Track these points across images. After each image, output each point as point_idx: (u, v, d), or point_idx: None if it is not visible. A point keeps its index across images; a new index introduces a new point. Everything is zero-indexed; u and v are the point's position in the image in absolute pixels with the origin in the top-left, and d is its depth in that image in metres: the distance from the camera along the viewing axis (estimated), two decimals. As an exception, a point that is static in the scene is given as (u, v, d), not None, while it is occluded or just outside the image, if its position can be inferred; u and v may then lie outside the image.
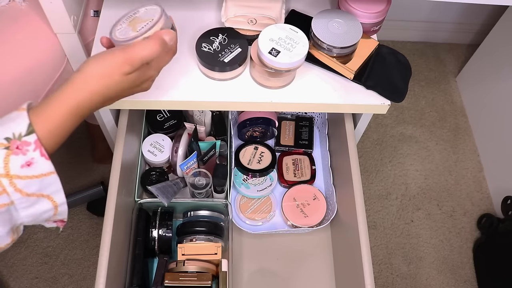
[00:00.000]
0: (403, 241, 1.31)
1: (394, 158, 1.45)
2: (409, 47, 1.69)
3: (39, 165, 0.49)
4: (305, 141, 1.04)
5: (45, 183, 0.50)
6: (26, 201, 0.50)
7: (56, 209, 0.53)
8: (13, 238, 0.55)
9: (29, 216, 0.52)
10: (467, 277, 1.27)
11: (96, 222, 1.24)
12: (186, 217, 0.91)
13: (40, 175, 0.49)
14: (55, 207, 0.53)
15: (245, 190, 0.97)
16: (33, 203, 0.51)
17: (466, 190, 1.41)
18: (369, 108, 0.76)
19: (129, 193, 0.87)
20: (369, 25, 0.78)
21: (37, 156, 0.48)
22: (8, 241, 0.54)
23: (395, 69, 0.78)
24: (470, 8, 1.58)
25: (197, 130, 0.94)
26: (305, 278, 0.94)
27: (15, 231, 0.56)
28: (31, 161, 0.48)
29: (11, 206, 0.49)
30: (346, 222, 0.86)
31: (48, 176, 0.50)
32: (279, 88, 0.75)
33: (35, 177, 0.49)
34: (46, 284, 1.17)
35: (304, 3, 0.85)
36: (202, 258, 0.85)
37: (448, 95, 1.59)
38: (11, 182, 0.48)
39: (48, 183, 0.50)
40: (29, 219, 0.52)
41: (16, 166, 0.47)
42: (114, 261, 0.76)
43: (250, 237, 0.96)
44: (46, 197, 0.51)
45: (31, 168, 0.48)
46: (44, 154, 0.48)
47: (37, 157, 0.48)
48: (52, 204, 0.52)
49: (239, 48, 0.73)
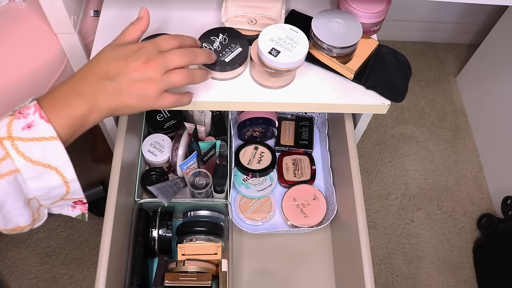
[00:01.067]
0: (403, 241, 1.31)
1: (394, 158, 1.45)
2: (409, 47, 1.69)
3: (39, 127, 0.49)
4: (305, 141, 1.04)
5: (48, 150, 0.50)
6: (31, 169, 0.50)
7: (68, 186, 0.53)
8: (34, 218, 0.56)
9: (39, 189, 0.52)
10: (467, 277, 1.27)
11: (96, 222, 1.24)
12: (186, 217, 0.91)
13: (41, 138, 0.49)
14: (65, 182, 0.53)
15: (245, 190, 0.97)
16: (40, 175, 0.51)
17: (466, 190, 1.41)
18: (369, 108, 0.76)
19: (129, 193, 0.87)
20: (369, 25, 0.78)
21: (36, 118, 0.49)
22: (28, 221, 0.55)
23: (395, 69, 0.78)
24: (470, 8, 1.58)
25: (197, 130, 0.94)
26: (305, 278, 0.94)
27: (37, 212, 0.56)
28: (31, 123, 0.49)
29: (17, 174, 0.50)
30: (346, 222, 0.86)
31: (50, 141, 0.50)
32: (279, 88, 0.75)
33: (36, 140, 0.49)
34: (46, 284, 1.17)
35: (304, 3, 0.85)
36: (202, 258, 0.85)
37: (448, 95, 1.59)
38: (13, 143, 0.48)
39: (52, 151, 0.50)
40: (40, 192, 0.52)
41: (17, 129, 0.49)
42: (114, 261, 0.76)
43: (250, 237, 0.96)
44: (54, 169, 0.51)
45: (32, 130, 0.49)
46: (44, 116, 0.49)
47: (37, 119, 0.49)
48: (61, 179, 0.52)
49: (239, 48, 0.73)
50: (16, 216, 0.53)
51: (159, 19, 0.81)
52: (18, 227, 0.55)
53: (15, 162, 0.49)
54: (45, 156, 0.50)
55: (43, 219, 0.59)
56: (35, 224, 0.59)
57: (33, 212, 0.56)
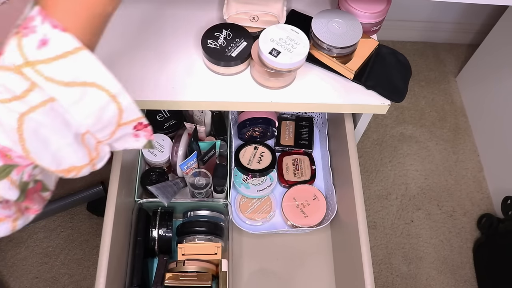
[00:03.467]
0: (403, 241, 1.31)
1: (394, 158, 1.45)
2: (409, 47, 1.69)
3: (57, 41, 0.40)
4: (305, 141, 1.04)
5: (78, 65, 0.41)
6: (68, 94, 0.42)
7: (117, 102, 0.44)
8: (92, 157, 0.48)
9: (86, 115, 0.44)
10: (467, 277, 1.27)
11: (96, 222, 1.24)
12: (186, 217, 0.91)
13: (65, 54, 0.40)
14: (112, 98, 0.44)
15: (245, 190, 0.97)
16: (80, 97, 0.42)
17: (466, 190, 1.41)
18: (369, 108, 0.76)
19: (129, 193, 0.87)
20: (369, 25, 0.78)
21: (48, 30, 0.39)
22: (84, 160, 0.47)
23: (395, 69, 0.78)
24: (470, 8, 1.58)
25: (197, 130, 0.94)
26: (305, 278, 0.94)
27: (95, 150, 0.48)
28: (46, 38, 0.39)
29: (53, 103, 0.42)
30: (346, 222, 0.86)
31: (76, 54, 0.40)
32: (280, 88, 0.75)
33: (60, 57, 0.40)
34: (46, 284, 1.17)
35: (304, 3, 0.85)
36: (202, 258, 0.85)
37: (448, 95, 1.59)
38: (36, 70, 0.40)
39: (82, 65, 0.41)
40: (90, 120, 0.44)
41: (32, 49, 0.39)
42: (114, 261, 0.76)
43: (250, 237, 0.96)
44: (93, 85, 0.42)
45: (49, 46, 0.40)
46: (57, 25, 0.40)
47: (49, 30, 0.39)
48: (107, 94, 0.43)
49: (244, 42, 0.73)
50: (68, 155, 0.45)
51: (161, 18, 0.81)
52: (73, 167, 0.47)
53: (47, 91, 0.41)
54: (77, 74, 0.41)
55: (104, 159, 0.51)
56: (96, 164, 0.50)
57: (89, 150, 0.47)
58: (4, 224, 0.48)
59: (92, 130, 0.46)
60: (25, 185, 0.46)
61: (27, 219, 0.51)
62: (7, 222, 0.48)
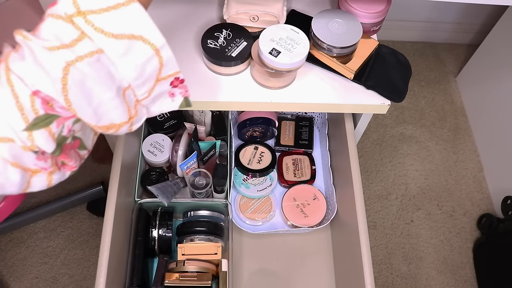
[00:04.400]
0: (403, 241, 1.31)
1: (394, 158, 1.45)
2: (409, 47, 1.69)
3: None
4: (305, 141, 1.04)
5: (128, 16, 0.42)
6: (116, 46, 0.43)
7: (160, 57, 0.46)
8: (131, 116, 0.49)
9: (131, 69, 0.45)
10: (467, 277, 1.27)
11: (96, 222, 1.24)
12: (186, 217, 0.91)
13: (117, 5, 0.41)
14: (156, 52, 0.45)
15: (245, 190, 0.97)
16: (127, 50, 0.43)
17: (466, 190, 1.41)
18: (369, 108, 0.76)
19: (129, 193, 0.87)
20: (369, 25, 0.78)
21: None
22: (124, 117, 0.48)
23: (395, 69, 0.78)
24: (470, 8, 1.58)
25: (197, 130, 0.94)
26: (305, 278, 0.94)
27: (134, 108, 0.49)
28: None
29: (101, 55, 0.43)
30: (346, 222, 0.86)
31: (127, 6, 0.42)
32: (280, 88, 0.75)
33: (112, 8, 0.41)
34: (46, 284, 1.17)
35: (304, 3, 0.85)
36: (202, 258, 0.85)
37: (448, 95, 1.59)
38: (87, 19, 0.41)
39: (132, 17, 0.42)
40: (133, 74, 0.45)
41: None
42: (114, 261, 0.76)
43: (250, 237, 0.96)
44: (140, 39, 0.43)
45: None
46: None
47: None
48: (151, 48, 0.44)
49: (244, 42, 0.73)
50: (109, 110, 0.46)
51: (161, 18, 0.81)
52: (112, 124, 0.47)
53: (96, 42, 0.42)
54: (126, 26, 0.42)
55: (141, 120, 0.52)
56: (133, 123, 0.50)
57: (128, 108, 0.48)
58: (39, 176, 0.47)
59: (134, 85, 0.46)
60: (63, 140, 0.46)
61: (63, 175, 0.50)
62: (43, 174, 0.47)
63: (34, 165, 0.46)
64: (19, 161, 0.44)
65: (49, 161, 0.47)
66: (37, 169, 0.46)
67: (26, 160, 0.45)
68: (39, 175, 0.47)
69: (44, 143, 0.44)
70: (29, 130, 0.42)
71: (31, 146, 0.44)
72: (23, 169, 0.45)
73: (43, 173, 0.47)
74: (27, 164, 0.45)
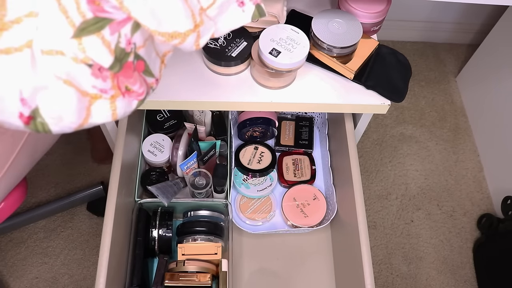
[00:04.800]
0: (403, 241, 1.31)
1: (394, 158, 1.45)
2: (409, 47, 1.69)
3: None
4: (305, 141, 1.04)
5: None
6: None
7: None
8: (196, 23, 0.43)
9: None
10: (467, 277, 1.27)
11: (96, 222, 1.24)
12: (186, 217, 0.91)
13: None
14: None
15: (245, 190, 0.97)
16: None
17: (466, 190, 1.41)
18: (369, 108, 0.76)
19: (129, 193, 0.87)
20: (369, 25, 0.78)
21: None
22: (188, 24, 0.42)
23: (395, 69, 0.78)
24: (470, 8, 1.58)
25: (197, 130, 0.94)
26: (305, 278, 0.94)
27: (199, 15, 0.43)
28: None
29: None
30: (346, 222, 0.86)
31: None
32: (280, 88, 0.75)
33: None
34: (46, 284, 1.17)
35: (304, 3, 0.85)
36: (202, 258, 0.85)
37: (448, 95, 1.59)
38: None
39: None
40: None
41: None
42: (114, 261, 0.76)
43: (250, 237, 0.96)
44: None
45: None
46: None
47: None
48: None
49: (244, 42, 0.73)
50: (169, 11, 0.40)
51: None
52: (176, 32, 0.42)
53: None
54: None
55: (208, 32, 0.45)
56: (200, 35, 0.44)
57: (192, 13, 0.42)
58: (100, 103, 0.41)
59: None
60: (122, 54, 0.41)
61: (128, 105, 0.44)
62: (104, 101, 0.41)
63: (92, 87, 0.40)
64: (72, 79, 0.39)
65: (109, 82, 0.41)
66: (96, 94, 0.41)
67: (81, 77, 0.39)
68: (99, 101, 0.41)
69: (97, 53, 0.38)
70: (78, 37, 0.37)
71: (84, 58, 0.38)
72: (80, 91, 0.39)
73: (104, 100, 0.41)
74: (83, 85, 0.39)
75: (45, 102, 0.39)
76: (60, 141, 0.93)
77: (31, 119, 0.40)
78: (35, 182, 1.27)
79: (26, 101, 0.38)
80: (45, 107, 0.40)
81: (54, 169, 1.29)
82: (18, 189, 0.82)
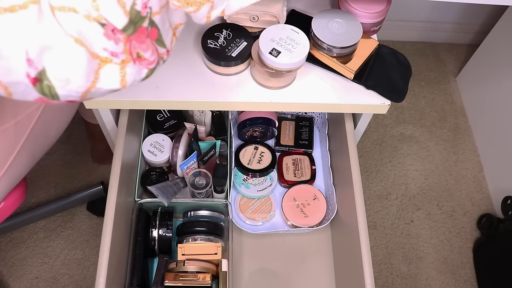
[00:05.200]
0: (403, 241, 1.31)
1: (394, 158, 1.45)
2: (409, 47, 1.69)
3: None
4: (305, 141, 1.04)
5: None
6: None
7: None
8: None
9: None
10: (467, 277, 1.27)
11: (96, 222, 1.24)
12: (186, 217, 0.91)
13: None
14: None
15: (245, 190, 0.97)
16: None
17: (466, 190, 1.41)
18: (369, 108, 0.76)
19: (129, 193, 0.87)
20: (369, 25, 0.78)
21: None
22: None
23: (395, 69, 0.78)
24: (470, 8, 1.58)
25: (197, 130, 0.94)
26: (305, 278, 0.94)
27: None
28: None
29: None
30: (346, 222, 0.86)
31: None
32: (280, 88, 0.75)
33: None
34: (46, 284, 1.17)
35: (304, 3, 0.85)
36: (202, 258, 0.85)
37: (448, 95, 1.59)
38: None
39: None
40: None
41: None
42: (114, 261, 0.76)
43: (250, 237, 0.96)
44: None
45: None
46: None
47: None
48: None
49: (244, 42, 0.73)
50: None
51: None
52: None
53: None
54: None
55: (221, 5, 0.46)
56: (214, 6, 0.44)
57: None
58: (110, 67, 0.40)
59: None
60: (137, 17, 0.40)
61: (138, 73, 0.44)
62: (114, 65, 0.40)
63: (103, 50, 0.39)
64: (84, 38, 0.37)
65: (121, 45, 0.40)
66: (106, 57, 0.40)
67: (92, 37, 0.38)
68: (109, 66, 0.40)
69: (111, 12, 0.37)
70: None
71: (97, 16, 0.37)
72: (90, 52, 0.38)
73: (113, 64, 0.40)
74: (94, 46, 0.38)
75: (53, 62, 0.38)
76: (60, 141, 0.93)
77: (37, 81, 0.38)
78: (35, 182, 1.27)
79: (32, 61, 0.37)
80: (53, 69, 0.38)
81: (54, 169, 1.29)
82: (18, 189, 0.82)
